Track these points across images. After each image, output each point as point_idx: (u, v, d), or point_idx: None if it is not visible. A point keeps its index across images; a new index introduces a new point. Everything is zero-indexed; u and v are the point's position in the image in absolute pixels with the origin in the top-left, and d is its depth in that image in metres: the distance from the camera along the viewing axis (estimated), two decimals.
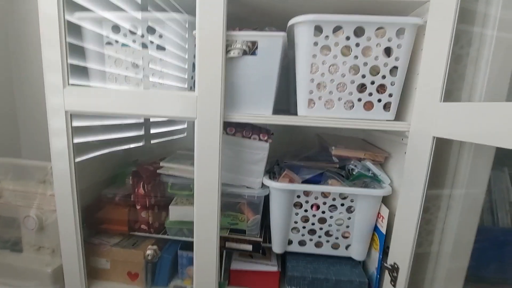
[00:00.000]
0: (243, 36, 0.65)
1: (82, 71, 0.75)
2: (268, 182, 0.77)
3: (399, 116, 0.70)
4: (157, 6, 0.83)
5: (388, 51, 0.64)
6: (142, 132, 1.13)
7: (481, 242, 0.64)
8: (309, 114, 0.69)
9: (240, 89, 0.69)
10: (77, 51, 0.74)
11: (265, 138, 0.77)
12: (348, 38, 0.63)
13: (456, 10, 0.54)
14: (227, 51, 0.66)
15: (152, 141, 1.18)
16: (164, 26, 0.72)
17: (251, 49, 0.67)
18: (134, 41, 0.73)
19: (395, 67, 0.64)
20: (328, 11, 0.66)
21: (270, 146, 0.78)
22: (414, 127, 0.63)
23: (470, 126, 0.47)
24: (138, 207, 0.88)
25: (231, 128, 0.77)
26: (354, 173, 0.82)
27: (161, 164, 0.88)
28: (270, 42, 0.65)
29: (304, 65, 0.66)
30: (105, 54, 0.75)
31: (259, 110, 0.70)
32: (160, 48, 0.74)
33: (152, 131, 1.18)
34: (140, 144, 1.12)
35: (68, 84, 0.70)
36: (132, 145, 1.08)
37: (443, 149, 0.62)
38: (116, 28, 0.74)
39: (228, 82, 0.68)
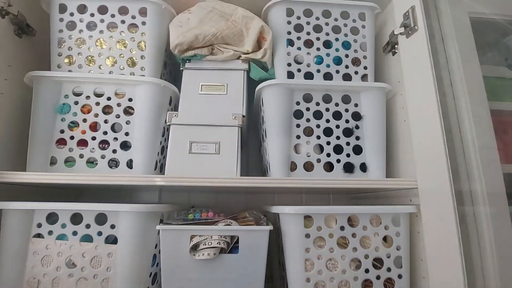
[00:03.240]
0: (220, 231, 0.53)
1: None
2: None
3: None
4: None
5: (385, 240, 0.57)
6: None
7: None
8: None
9: None
10: None
11: None
12: (342, 228, 0.55)
13: (452, 194, 0.50)
14: (196, 249, 0.52)
15: None
16: None
17: (230, 244, 0.54)
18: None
19: (399, 257, 0.56)
20: None
21: None
22: None
23: None
24: None
25: None
26: None
27: None
28: (255, 238, 0.54)
29: (296, 262, 0.54)
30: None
31: None
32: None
33: None
34: None
35: None
36: None
37: None
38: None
39: None
